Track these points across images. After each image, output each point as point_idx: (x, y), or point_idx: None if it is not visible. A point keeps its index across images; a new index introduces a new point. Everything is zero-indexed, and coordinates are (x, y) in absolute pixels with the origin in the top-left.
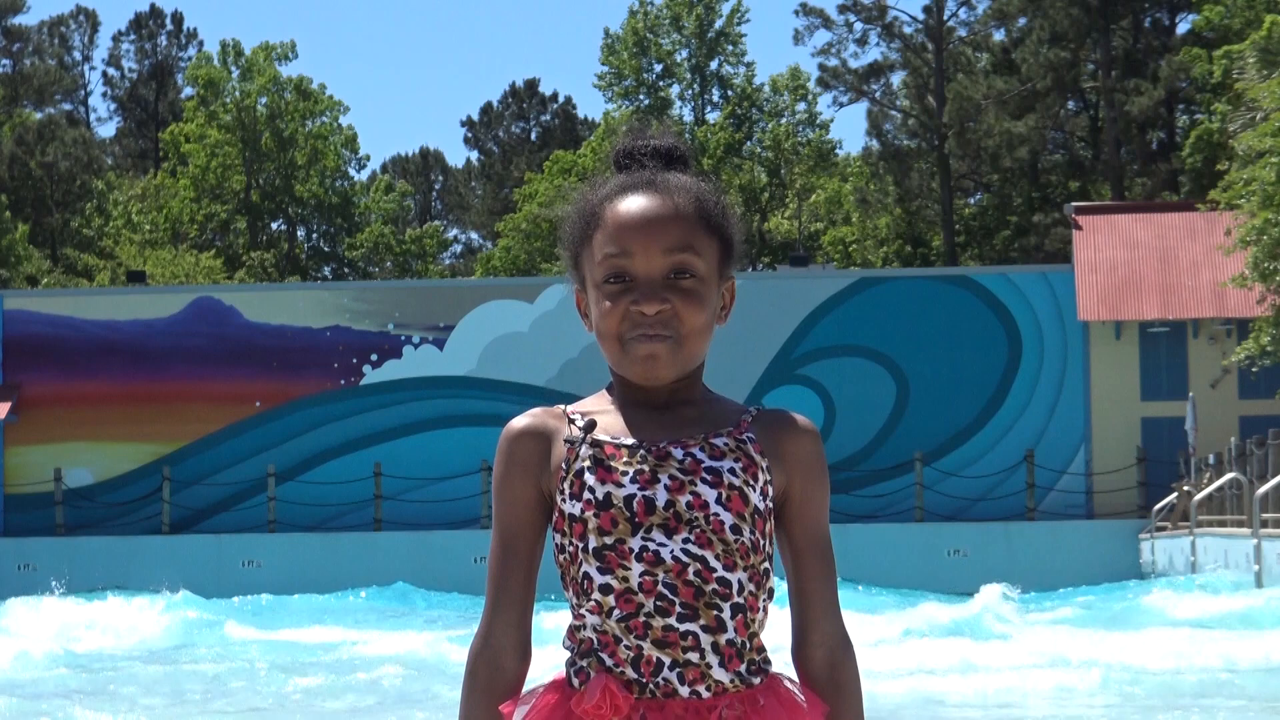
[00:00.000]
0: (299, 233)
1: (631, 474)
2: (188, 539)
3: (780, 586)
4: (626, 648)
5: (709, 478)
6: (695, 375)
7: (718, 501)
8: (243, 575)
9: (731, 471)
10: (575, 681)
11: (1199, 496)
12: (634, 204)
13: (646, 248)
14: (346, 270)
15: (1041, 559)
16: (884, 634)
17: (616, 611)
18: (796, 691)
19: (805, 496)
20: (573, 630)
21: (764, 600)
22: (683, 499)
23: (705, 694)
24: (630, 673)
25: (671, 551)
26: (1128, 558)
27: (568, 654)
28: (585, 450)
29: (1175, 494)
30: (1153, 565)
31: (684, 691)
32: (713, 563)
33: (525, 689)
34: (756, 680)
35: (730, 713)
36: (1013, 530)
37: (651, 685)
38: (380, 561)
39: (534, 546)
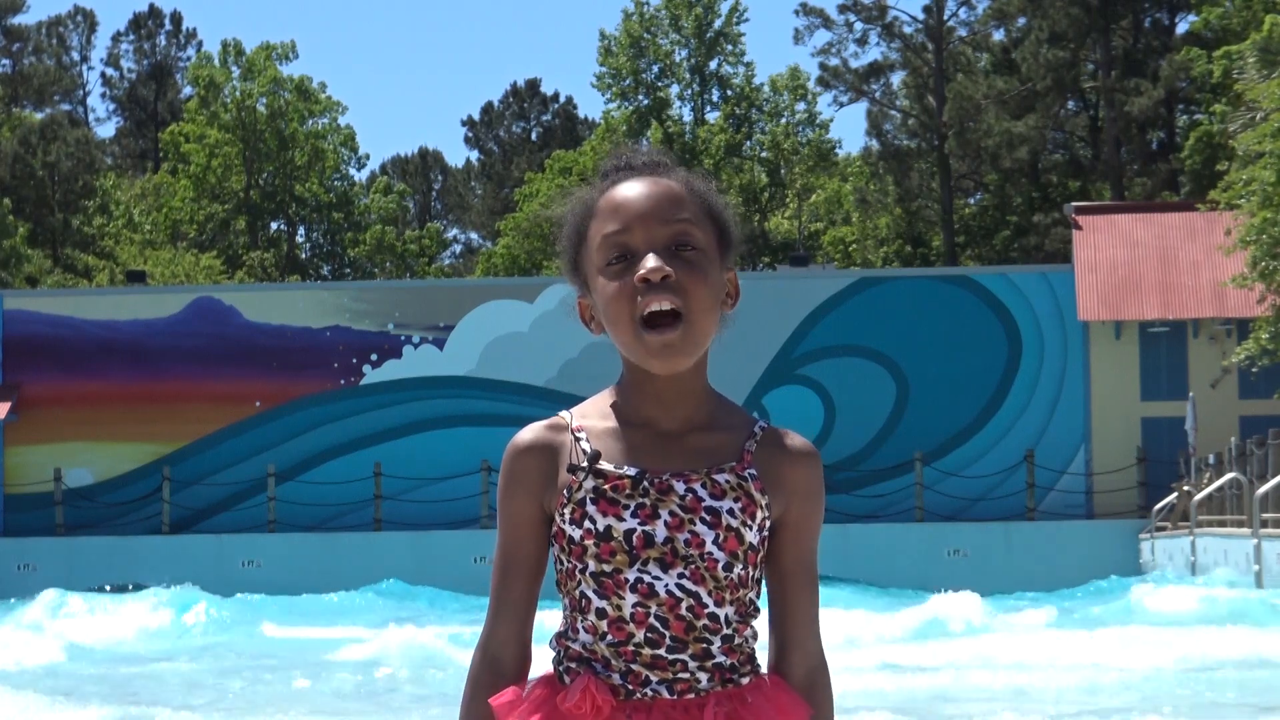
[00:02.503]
0: (299, 233)
1: (633, 507)
2: (188, 539)
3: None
4: (616, 666)
5: (708, 518)
6: (703, 390)
7: (714, 542)
8: (243, 575)
9: (730, 512)
10: (566, 679)
11: (1199, 496)
12: (630, 187)
13: (645, 221)
14: (347, 270)
15: (1041, 559)
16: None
17: (609, 637)
18: (782, 693)
19: (800, 523)
20: (560, 637)
21: (750, 624)
22: (681, 536)
23: (692, 697)
24: (617, 679)
25: (666, 586)
26: (1128, 558)
27: (553, 653)
28: (589, 482)
29: (1175, 494)
30: (1153, 565)
31: (672, 698)
32: (705, 599)
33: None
34: (744, 681)
35: (719, 709)
36: (1013, 530)
37: (639, 694)
38: (380, 561)
39: (536, 560)
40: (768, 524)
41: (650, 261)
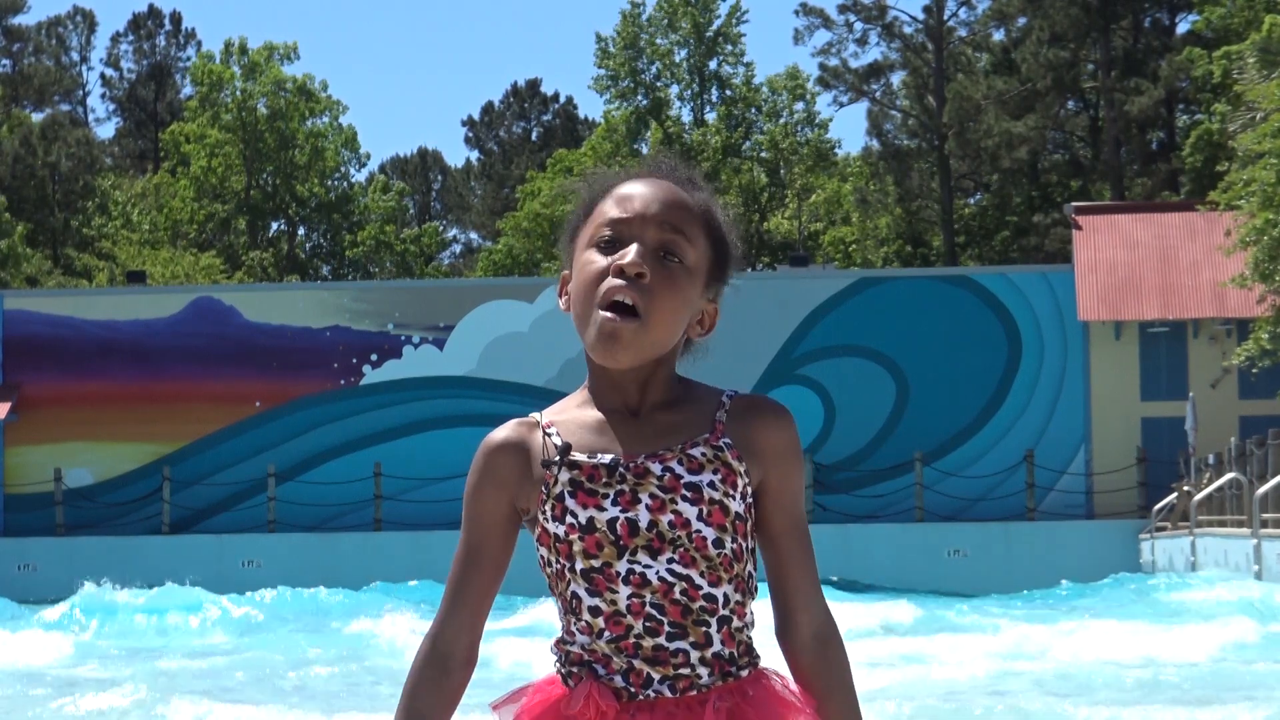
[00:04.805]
0: (299, 232)
1: (612, 495)
2: (188, 539)
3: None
4: (618, 664)
5: (689, 494)
6: (666, 375)
7: (699, 518)
8: (243, 575)
9: (711, 485)
10: (569, 683)
11: (1199, 496)
12: (646, 183)
13: (646, 218)
14: (346, 270)
15: (1041, 559)
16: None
17: (607, 633)
18: (784, 685)
19: (781, 485)
20: (561, 643)
21: (749, 604)
22: (665, 519)
23: (694, 694)
24: (620, 681)
25: (657, 573)
26: (1128, 558)
27: (555, 659)
28: (564, 475)
29: (1175, 494)
30: (1153, 565)
31: (674, 696)
32: (698, 580)
33: (517, 686)
34: (744, 674)
35: (721, 704)
36: (1013, 530)
37: (642, 695)
38: (380, 561)
39: (498, 557)
40: (750, 491)
41: (631, 253)
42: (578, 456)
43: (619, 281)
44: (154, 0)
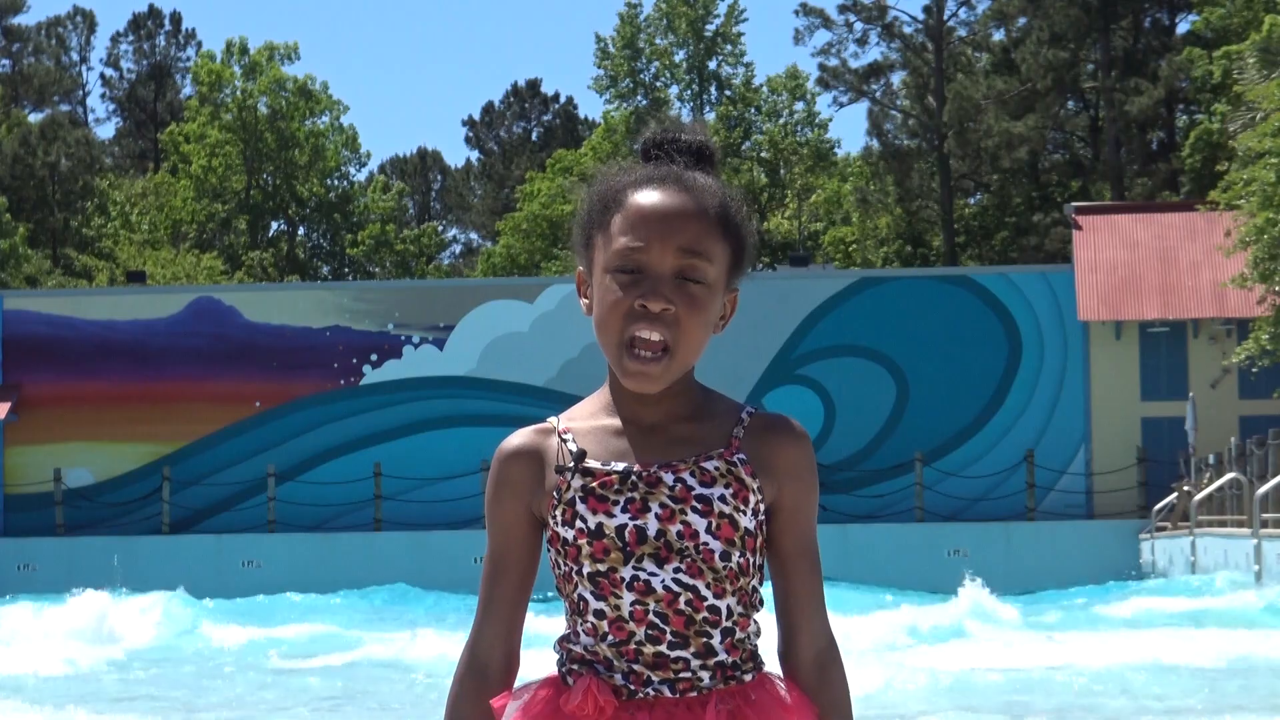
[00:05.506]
0: (299, 232)
1: (623, 503)
2: (188, 539)
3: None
4: (619, 666)
5: (699, 506)
6: (687, 386)
7: (708, 531)
8: (243, 575)
9: (722, 499)
10: (569, 680)
11: (1199, 496)
12: (658, 196)
13: (663, 243)
14: (346, 270)
15: (1041, 559)
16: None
17: (610, 637)
18: (786, 690)
19: (795, 506)
20: (564, 640)
21: (753, 615)
22: (674, 528)
23: (695, 695)
24: (620, 680)
25: (663, 581)
26: (1128, 558)
27: (557, 656)
28: (576, 481)
29: (1175, 494)
30: (1153, 565)
31: (674, 696)
32: (703, 591)
33: (519, 684)
34: (748, 678)
35: (722, 706)
36: (1013, 530)
37: (641, 693)
38: (380, 561)
39: (525, 564)
40: (762, 508)
41: (653, 296)
42: (592, 464)
43: (645, 320)
44: (154, 0)
